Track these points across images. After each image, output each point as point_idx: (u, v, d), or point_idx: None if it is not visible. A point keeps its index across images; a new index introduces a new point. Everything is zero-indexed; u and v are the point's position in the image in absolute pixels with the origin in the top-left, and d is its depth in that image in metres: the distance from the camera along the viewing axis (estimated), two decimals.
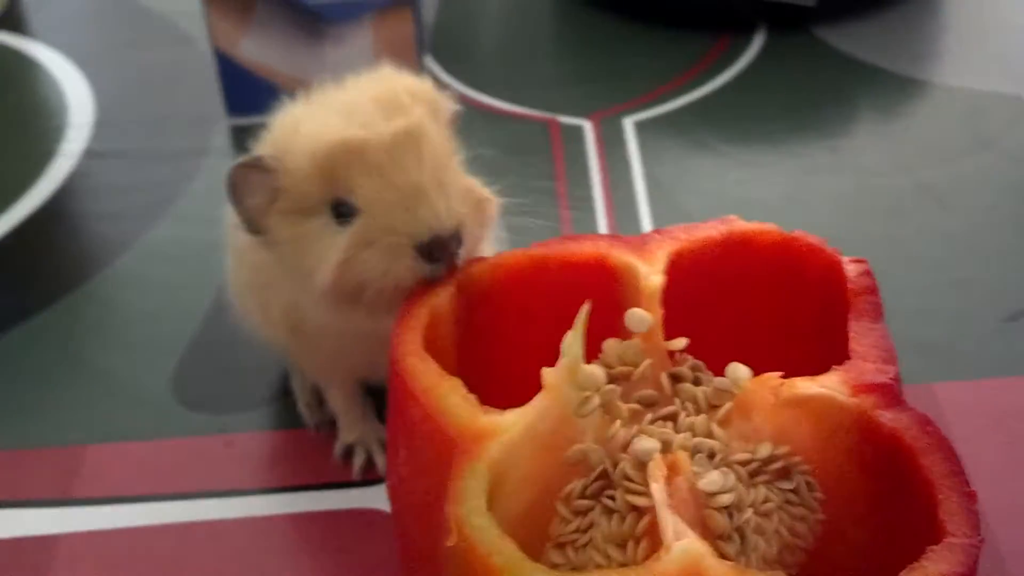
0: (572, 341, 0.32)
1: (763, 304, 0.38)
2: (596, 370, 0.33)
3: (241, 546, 0.42)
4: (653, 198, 0.58)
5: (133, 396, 0.49)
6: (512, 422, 0.32)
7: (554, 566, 0.32)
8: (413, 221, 0.36)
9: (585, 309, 0.33)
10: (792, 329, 0.38)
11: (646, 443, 0.32)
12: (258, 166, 0.37)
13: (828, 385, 0.33)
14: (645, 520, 0.31)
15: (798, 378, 0.34)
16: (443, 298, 0.37)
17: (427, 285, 0.37)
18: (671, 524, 0.30)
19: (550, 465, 0.33)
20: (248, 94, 0.65)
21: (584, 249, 0.37)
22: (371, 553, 0.42)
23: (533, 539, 0.33)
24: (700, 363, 0.36)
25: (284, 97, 0.40)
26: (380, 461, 0.44)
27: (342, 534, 0.42)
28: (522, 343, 0.38)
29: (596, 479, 0.32)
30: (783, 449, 0.33)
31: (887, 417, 0.33)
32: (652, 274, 0.36)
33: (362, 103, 0.37)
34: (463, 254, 0.37)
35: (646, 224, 0.57)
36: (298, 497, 0.44)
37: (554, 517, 0.33)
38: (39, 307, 0.54)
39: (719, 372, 0.36)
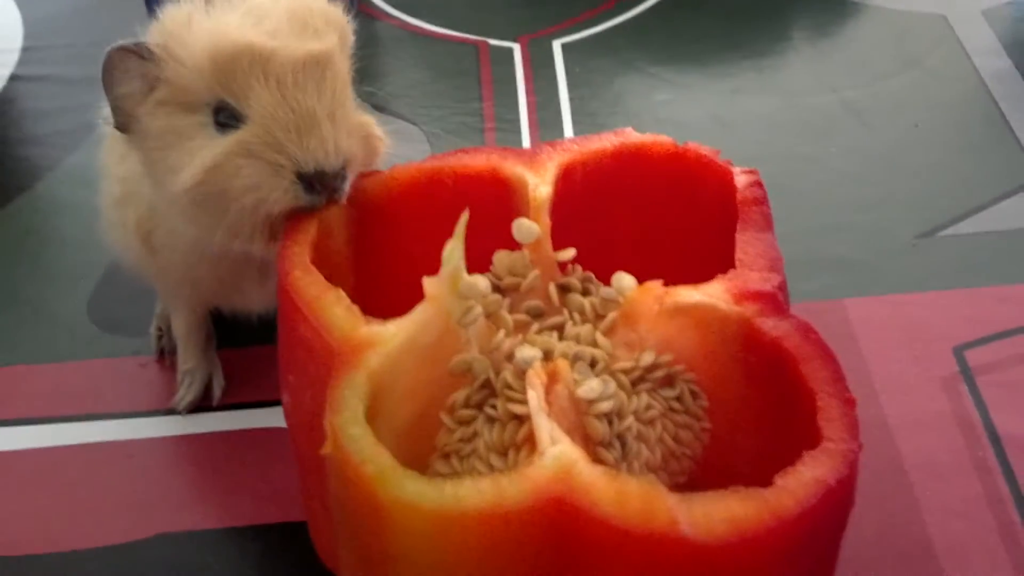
0: (452, 250, 0.32)
1: (659, 215, 0.38)
2: (478, 279, 0.33)
3: (149, 465, 0.43)
4: (578, 120, 0.58)
5: (50, 319, 0.49)
6: (393, 332, 0.32)
7: (440, 476, 0.33)
8: (302, 147, 0.35)
9: (463, 218, 0.33)
10: (688, 240, 0.38)
11: (526, 351, 0.32)
12: (137, 52, 0.36)
13: (711, 293, 0.33)
14: (525, 428, 0.31)
15: (681, 286, 0.34)
16: (333, 212, 0.36)
17: (299, 214, 0.36)
18: (546, 430, 0.30)
19: (435, 375, 0.33)
20: None
21: (476, 162, 0.37)
22: (277, 471, 0.42)
23: (421, 449, 0.33)
24: (590, 274, 0.36)
25: None
26: (217, 391, 0.44)
27: (249, 452, 0.43)
28: (419, 256, 0.38)
29: (479, 388, 0.33)
30: (666, 357, 0.33)
31: (769, 325, 0.33)
32: (541, 185, 0.36)
33: (273, 14, 0.36)
34: (346, 189, 0.36)
35: None
36: (207, 417, 0.44)
37: (441, 427, 0.33)
38: None
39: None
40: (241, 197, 0.35)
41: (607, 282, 0.36)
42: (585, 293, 0.35)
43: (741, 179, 0.36)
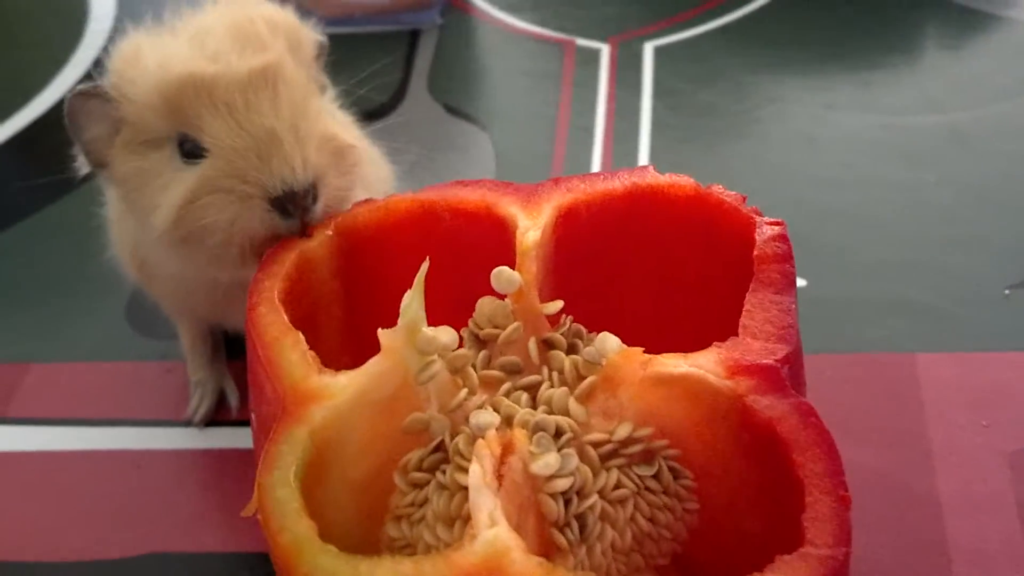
0: (410, 302, 0.30)
1: (674, 267, 0.35)
2: (441, 333, 0.30)
3: (154, 478, 0.42)
4: (657, 132, 0.55)
5: (88, 316, 0.48)
6: (343, 385, 0.30)
7: (392, 540, 0.30)
8: (266, 172, 0.33)
9: (423, 268, 0.30)
10: (706, 296, 0.35)
11: (482, 417, 0.29)
12: (97, 95, 0.34)
13: (701, 364, 0.30)
14: None
15: (668, 355, 0.30)
16: (316, 244, 0.34)
17: (279, 239, 0.34)
18: (486, 509, 0.27)
19: (392, 431, 0.31)
20: None
21: (472, 197, 0.34)
22: None
23: (378, 508, 0.31)
24: (581, 329, 0.33)
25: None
26: (233, 402, 0.43)
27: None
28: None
29: (433, 451, 0.30)
30: (644, 431, 0.30)
31: (763, 404, 0.29)
32: (531, 230, 0.33)
33: (215, 32, 0.34)
34: (319, 208, 0.34)
35: (643, 158, 0.53)
36: (222, 432, 0.43)
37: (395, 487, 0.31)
38: (16, 218, 0.54)
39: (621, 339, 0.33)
40: (220, 232, 0.34)
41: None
42: (571, 350, 0.32)
43: (763, 232, 0.33)
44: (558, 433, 0.30)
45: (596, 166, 0.53)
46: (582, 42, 0.61)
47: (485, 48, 0.62)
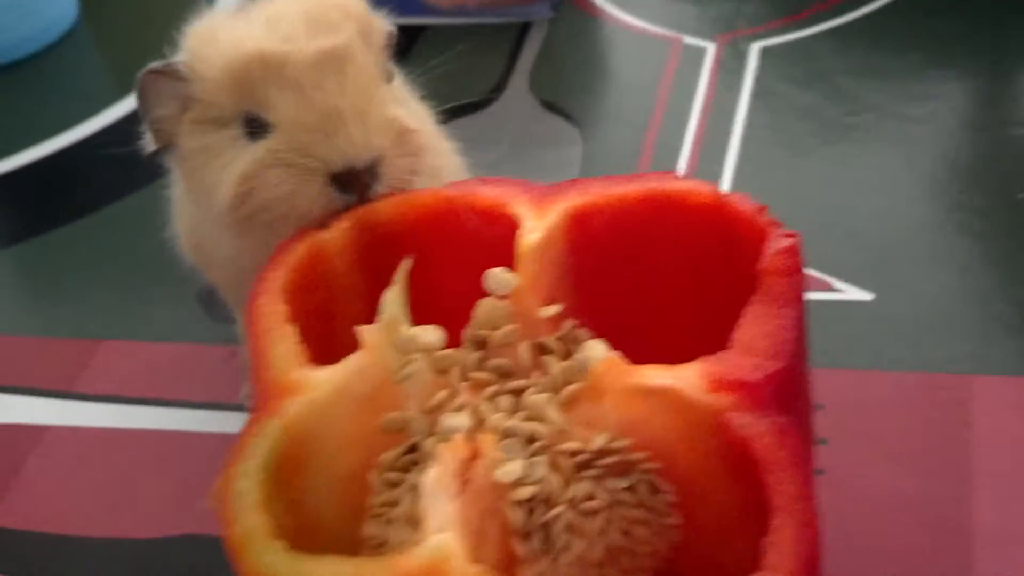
0: (390, 299, 0.30)
1: (691, 277, 0.34)
2: (424, 332, 0.30)
3: (201, 460, 0.43)
4: (750, 133, 0.53)
5: (163, 299, 0.50)
6: (322, 380, 0.30)
7: (369, 538, 0.30)
8: (328, 147, 0.34)
9: (404, 265, 0.30)
10: (723, 308, 0.33)
11: (453, 420, 0.29)
12: (169, 73, 0.36)
13: (682, 376, 0.29)
14: None
15: (651, 366, 0.29)
16: (334, 235, 0.35)
17: (336, 216, 0.35)
18: (440, 515, 0.27)
19: (373, 429, 0.31)
20: None
21: (488, 195, 0.34)
22: None
23: (362, 504, 0.31)
24: (582, 334, 0.32)
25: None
26: None
27: None
28: (435, 290, 0.36)
29: (408, 451, 0.30)
30: (621, 443, 0.29)
31: (740, 422, 0.28)
32: (534, 231, 0.32)
33: (289, 16, 0.35)
34: (380, 188, 0.35)
35: (731, 160, 0.52)
36: None
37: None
38: (107, 201, 0.56)
39: (629, 348, 0.32)
40: (278, 207, 0.35)
41: (624, 348, 0.32)
42: (568, 356, 0.31)
43: (774, 244, 0.31)
44: (532, 439, 0.29)
45: (682, 166, 0.52)
46: (689, 40, 0.60)
47: (592, 43, 0.61)
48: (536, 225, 0.32)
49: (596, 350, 0.30)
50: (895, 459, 0.39)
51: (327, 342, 0.33)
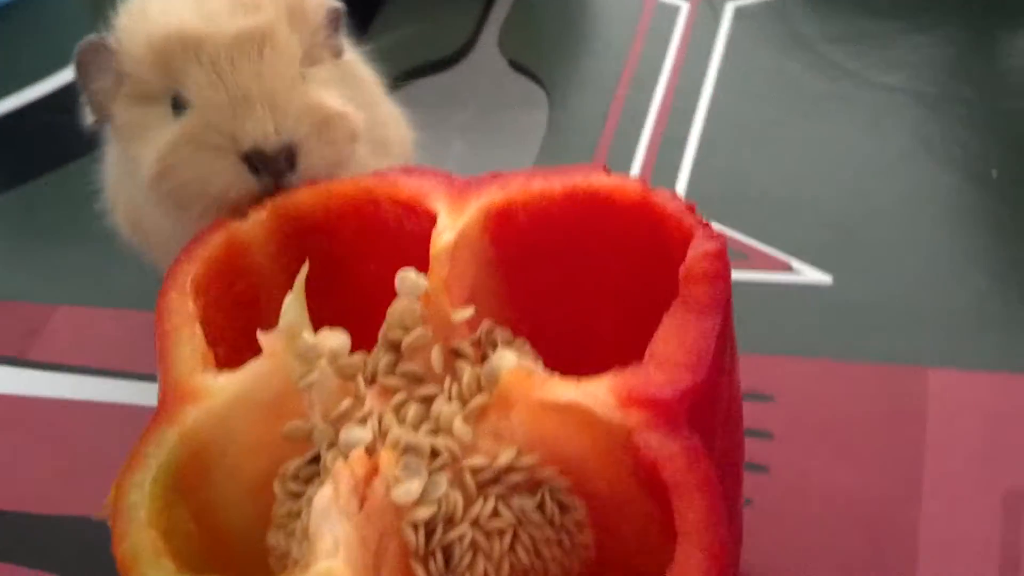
0: (290, 305, 0.29)
1: (620, 277, 0.32)
2: (327, 338, 0.29)
3: None
4: (720, 97, 0.51)
5: (122, 265, 0.49)
6: (221, 386, 0.29)
7: (272, 548, 0.30)
8: (238, 127, 0.33)
9: (303, 270, 0.29)
10: (650, 310, 0.32)
11: (353, 433, 0.28)
12: (104, 46, 0.35)
13: (591, 392, 0.28)
14: None
15: (560, 379, 0.28)
16: (252, 225, 0.33)
17: (256, 201, 0.34)
18: (329, 536, 0.26)
19: (277, 437, 0.30)
20: None
21: (408, 187, 0.33)
22: None
23: (268, 513, 0.30)
24: (501, 335, 0.31)
25: None
26: None
27: None
28: (360, 284, 0.35)
29: (311, 461, 0.29)
30: (528, 459, 0.28)
31: (649, 442, 0.27)
32: (447, 230, 0.31)
33: None
34: (297, 174, 0.34)
35: (697, 128, 0.50)
36: None
37: None
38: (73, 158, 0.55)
39: (559, 350, 0.31)
40: (193, 187, 0.34)
41: (554, 350, 0.31)
42: (483, 360, 0.30)
43: (698, 246, 0.30)
44: (435, 454, 0.28)
45: (647, 130, 0.50)
46: None
47: (564, 1, 0.59)
48: (450, 223, 0.31)
49: (506, 359, 0.29)
50: (844, 455, 0.37)
51: (250, 335, 0.32)
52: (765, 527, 0.36)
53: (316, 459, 0.29)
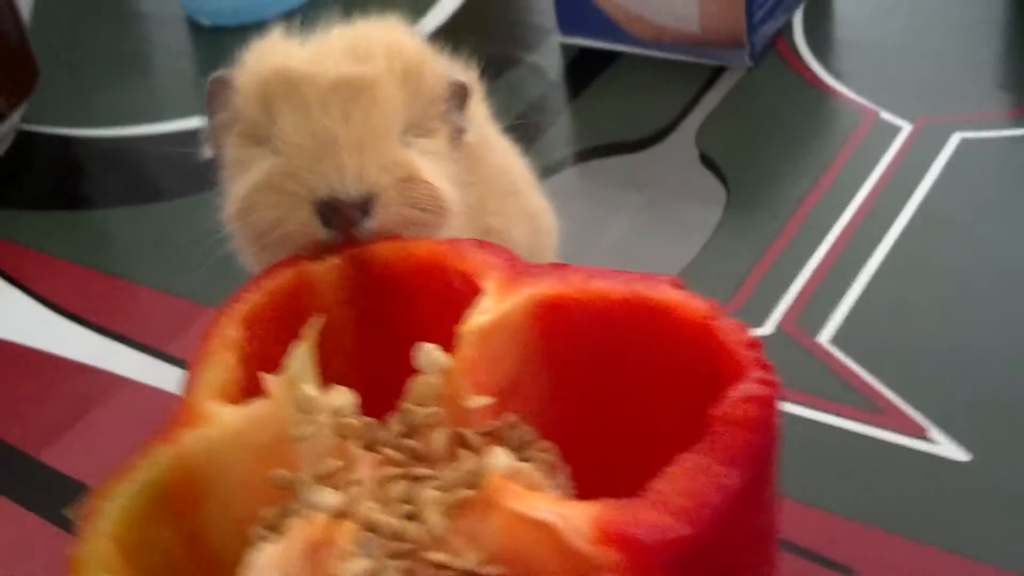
0: (296, 355, 0.28)
1: (670, 397, 0.30)
2: (329, 395, 0.28)
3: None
4: (906, 240, 0.47)
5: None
6: (224, 418, 0.29)
7: None
8: (316, 173, 0.32)
9: (315, 322, 0.28)
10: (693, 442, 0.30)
11: (320, 496, 0.27)
12: (227, 82, 0.35)
13: (568, 516, 0.25)
14: None
15: (543, 494, 0.26)
16: (325, 268, 0.33)
17: (329, 247, 0.33)
18: None
19: (265, 480, 0.29)
20: (579, 14, 0.61)
21: (472, 261, 0.32)
22: None
23: None
24: (523, 436, 0.29)
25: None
26: None
27: None
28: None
29: (286, 513, 0.28)
30: (492, 570, 0.26)
31: None
32: (485, 312, 0.30)
33: (334, 42, 0.34)
34: (371, 228, 0.33)
35: (869, 270, 0.46)
36: None
37: None
38: None
39: (586, 465, 0.29)
40: (270, 231, 0.34)
41: (585, 457, 0.29)
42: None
43: (743, 388, 0.27)
44: (400, 539, 0.27)
45: (822, 250, 0.47)
46: (886, 115, 0.54)
47: (779, 100, 0.56)
48: (491, 307, 0.30)
49: (499, 459, 0.27)
50: None
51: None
52: None
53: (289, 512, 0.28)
